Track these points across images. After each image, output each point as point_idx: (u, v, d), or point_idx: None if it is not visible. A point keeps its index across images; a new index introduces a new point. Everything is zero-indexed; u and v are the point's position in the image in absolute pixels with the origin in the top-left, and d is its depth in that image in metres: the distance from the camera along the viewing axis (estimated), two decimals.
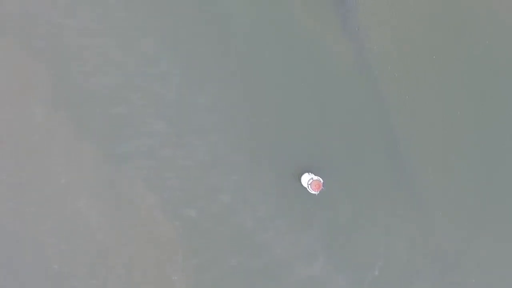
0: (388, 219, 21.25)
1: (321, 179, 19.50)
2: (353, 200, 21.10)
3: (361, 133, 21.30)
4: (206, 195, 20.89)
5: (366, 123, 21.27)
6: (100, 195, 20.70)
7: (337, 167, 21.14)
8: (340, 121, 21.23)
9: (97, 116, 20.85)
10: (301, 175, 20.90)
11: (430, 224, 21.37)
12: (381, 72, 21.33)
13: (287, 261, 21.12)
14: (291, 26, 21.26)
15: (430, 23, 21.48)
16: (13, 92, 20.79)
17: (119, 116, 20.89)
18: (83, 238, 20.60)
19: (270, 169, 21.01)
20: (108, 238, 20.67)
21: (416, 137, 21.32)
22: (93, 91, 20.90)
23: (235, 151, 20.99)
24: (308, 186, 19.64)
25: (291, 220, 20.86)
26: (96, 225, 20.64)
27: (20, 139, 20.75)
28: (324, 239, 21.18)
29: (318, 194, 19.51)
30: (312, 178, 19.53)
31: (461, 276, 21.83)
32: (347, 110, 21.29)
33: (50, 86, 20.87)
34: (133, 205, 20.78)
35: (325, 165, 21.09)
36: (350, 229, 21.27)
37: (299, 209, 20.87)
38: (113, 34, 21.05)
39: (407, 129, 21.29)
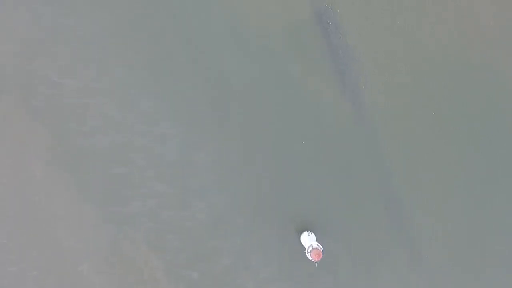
0: (389, 276, 21.14)
1: (320, 246, 19.28)
2: (354, 260, 20.96)
3: (361, 191, 21.00)
4: (208, 257, 20.80)
5: (367, 180, 21.04)
6: (102, 258, 20.66)
7: (337, 225, 20.93)
8: (340, 178, 20.88)
9: (97, 177, 20.76)
10: (301, 233, 20.79)
11: (432, 285, 21.28)
12: (381, 128, 21.08)
13: None
14: (290, 83, 20.87)
15: (427, 80, 21.20)
16: (12, 153, 20.78)
17: (119, 176, 20.78)
18: None
19: (272, 230, 20.80)
20: None
21: (417, 195, 21.05)
22: (93, 152, 20.79)
23: (236, 211, 20.82)
24: (307, 253, 19.50)
25: (293, 283, 20.77)
26: None
27: (20, 201, 20.76)
28: None
29: (317, 263, 19.34)
30: (311, 246, 19.35)
31: None
32: (347, 167, 21.07)
33: (50, 146, 20.81)
34: (136, 267, 20.75)
35: (326, 223, 20.93)
36: None
37: (300, 271, 20.78)
38: (113, 94, 20.87)
39: (409, 187, 21.05)
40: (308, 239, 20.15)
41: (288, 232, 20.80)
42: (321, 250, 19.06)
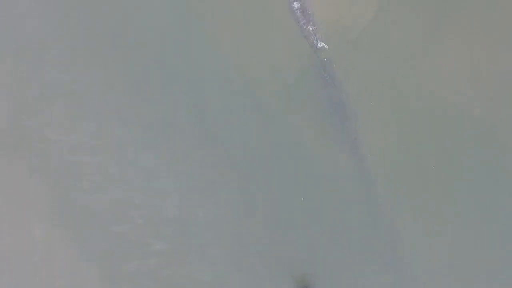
0: None
1: None
2: None
3: (361, 249, 20.97)
4: None
5: (367, 238, 20.97)
6: None
7: (337, 282, 20.91)
8: (340, 236, 20.85)
9: (97, 235, 20.67)
10: None
11: None
12: (381, 185, 21.00)
13: None
14: (288, 139, 20.84)
15: (428, 131, 21.06)
16: (10, 212, 20.73)
17: (118, 235, 20.68)
18: None
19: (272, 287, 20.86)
20: None
21: (418, 255, 20.93)
22: (92, 210, 20.71)
23: (236, 269, 20.77)
24: None
25: None
26: None
27: (20, 260, 20.68)
28: None
29: None
30: None
31: None
32: (347, 224, 20.99)
33: (48, 205, 20.74)
34: None
35: (325, 279, 20.87)
36: None
37: None
38: (111, 150, 20.83)
39: (409, 246, 20.90)
40: None
41: None
42: None
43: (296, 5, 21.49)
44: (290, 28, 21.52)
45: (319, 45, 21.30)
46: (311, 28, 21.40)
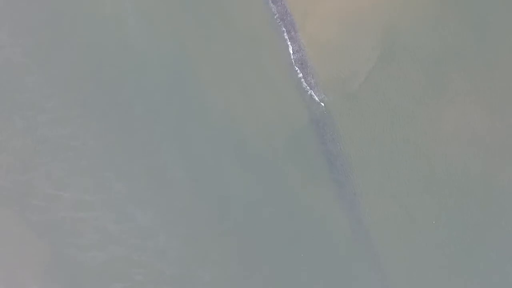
0: None
1: None
2: None
3: None
4: None
5: None
6: None
7: None
8: None
9: None
10: None
11: None
12: (379, 239, 20.86)
13: None
14: (288, 195, 20.70)
15: (427, 189, 20.90)
16: (8, 267, 20.54)
17: None
18: None
19: None
20: None
21: None
22: (90, 267, 20.49)
23: None
24: None
25: None
26: None
27: None
28: None
29: None
30: None
31: None
32: (346, 279, 20.89)
33: (46, 260, 20.55)
34: None
35: None
36: None
37: None
38: (109, 207, 20.64)
39: None
40: None
41: None
42: None
43: (295, 57, 21.39)
44: (289, 81, 21.43)
45: (318, 98, 21.20)
46: (310, 81, 21.30)
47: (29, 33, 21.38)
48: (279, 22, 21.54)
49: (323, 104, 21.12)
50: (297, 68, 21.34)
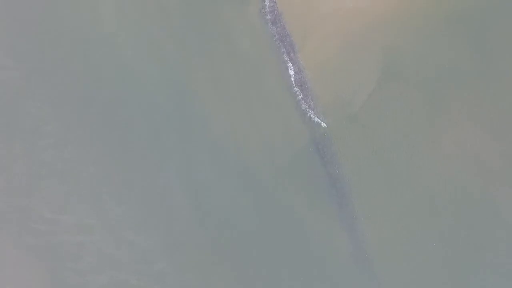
0: None
1: None
2: None
3: None
4: None
5: None
6: None
7: None
8: None
9: None
10: None
11: None
12: (379, 262, 20.66)
13: None
14: (288, 218, 20.57)
15: (427, 212, 20.69)
16: None
17: None
18: None
19: None
20: None
21: None
22: None
23: None
24: None
25: None
26: None
27: None
28: None
29: None
30: None
31: None
32: None
33: (44, 284, 20.44)
34: None
35: None
36: None
37: None
38: (109, 231, 20.53)
39: None
40: None
41: None
42: None
43: (295, 78, 21.27)
44: (289, 102, 21.33)
45: (318, 119, 21.06)
46: (310, 102, 21.16)
47: (28, 56, 21.36)
48: (279, 44, 21.44)
49: (323, 126, 20.97)
50: (296, 90, 21.21)
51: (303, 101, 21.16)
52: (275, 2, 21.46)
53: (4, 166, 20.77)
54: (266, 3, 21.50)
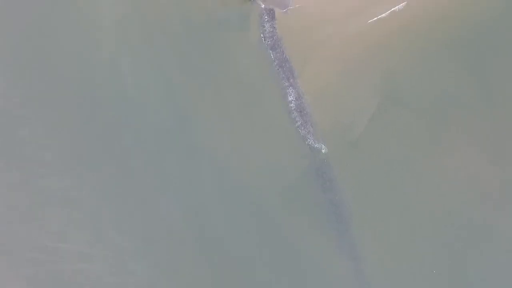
0: None
1: None
2: None
3: None
4: None
5: None
6: None
7: None
8: None
9: None
10: None
11: None
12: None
13: None
14: (286, 245, 20.56)
15: (428, 239, 20.59)
16: None
17: None
18: None
19: None
20: None
21: None
22: None
23: None
24: None
25: None
26: None
27: None
28: None
29: None
30: None
31: None
32: None
33: None
34: None
35: None
36: None
37: None
38: (108, 259, 20.50)
39: None
40: None
41: None
42: None
43: (294, 104, 21.18)
44: (288, 128, 21.24)
45: (317, 146, 20.98)
46: (309, 128, 21.07)
47: (25, 83, 21.30)
48: (278, 69, 21.35)
49: (322, 152, 20.89)
50: (295, 116, 21.12)
51: (302, 127, 21.07)
52: (274, 27, 21.37)
53: (2, 195, 20.68)
54: (265, 28, 21.41)
